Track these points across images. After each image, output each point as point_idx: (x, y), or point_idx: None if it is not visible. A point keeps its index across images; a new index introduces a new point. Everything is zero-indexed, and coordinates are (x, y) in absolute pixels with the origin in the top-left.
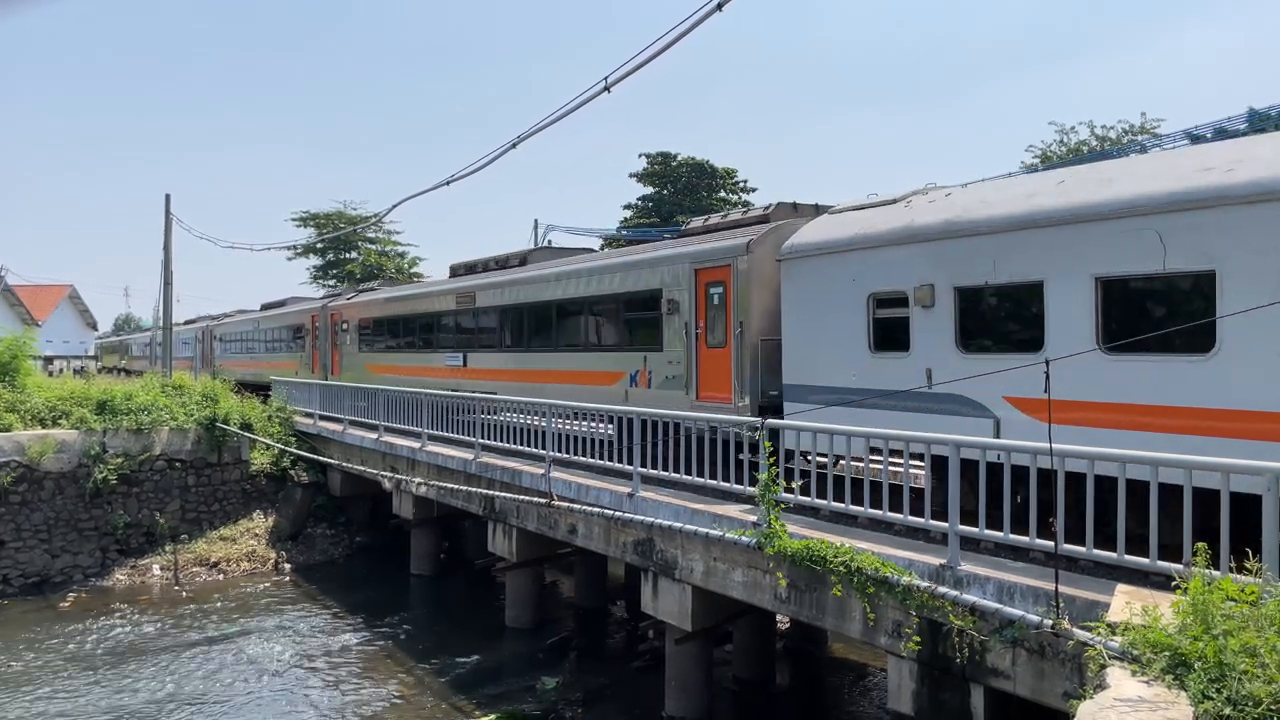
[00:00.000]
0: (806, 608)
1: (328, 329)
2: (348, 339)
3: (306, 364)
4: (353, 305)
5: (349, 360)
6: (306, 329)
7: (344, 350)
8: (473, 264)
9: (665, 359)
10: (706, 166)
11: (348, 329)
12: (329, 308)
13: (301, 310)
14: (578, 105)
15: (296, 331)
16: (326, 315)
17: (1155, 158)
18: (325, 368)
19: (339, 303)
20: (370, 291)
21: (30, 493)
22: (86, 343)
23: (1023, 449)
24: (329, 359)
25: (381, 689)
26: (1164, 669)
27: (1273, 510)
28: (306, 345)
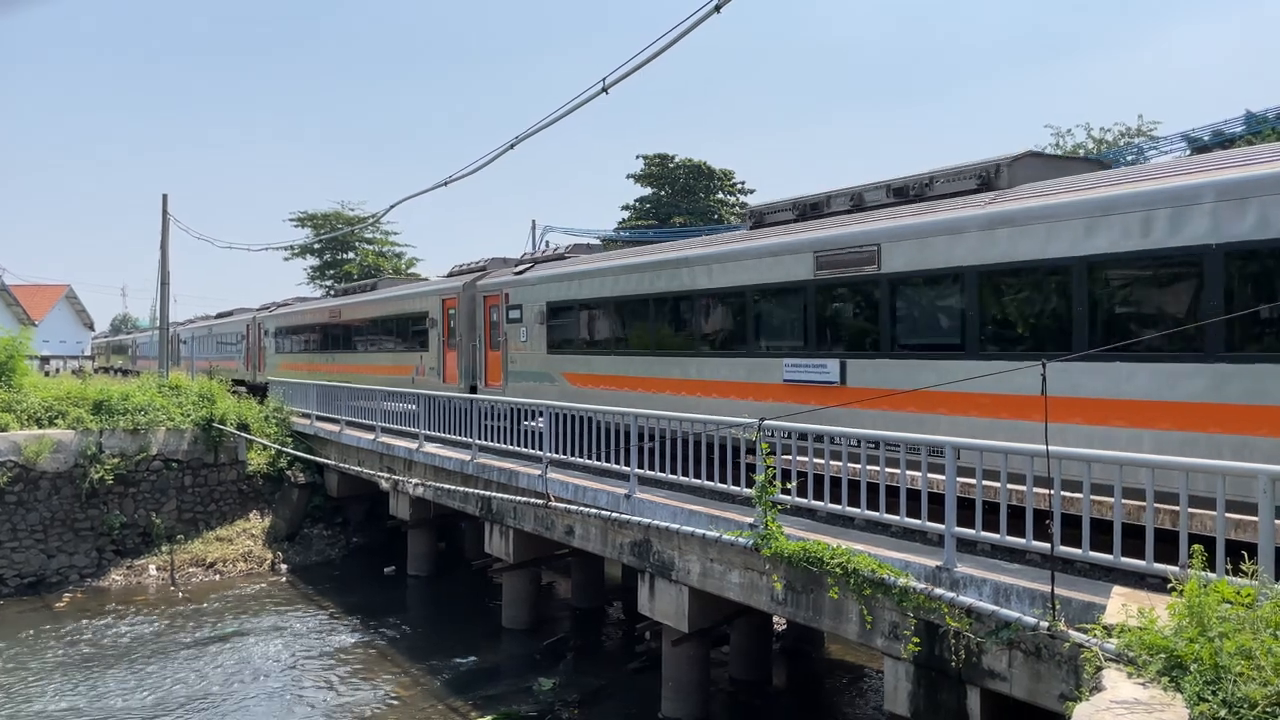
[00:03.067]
0: (803, 609)
1: (469, 317)
2: (530, 330)
3: (434, 367)
4: (533, 279)
5: (517, 364)
6: (436, 321)
7: (510, 349)
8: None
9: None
10: (704, 168)
11: (530, 317)
12: (479, 286)
13: (428, 291)
14: (576, 106)
15: (411, 324)
16: (475, 297)
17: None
18: (470, 373)
19: (496, 280)
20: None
21: (26, 492)
22: (83, 342)
23: (1021, 451)
24: (480, 357)
25: (377, 690)
26: (1160, 671)
27: (1268, 513)
28: (432, 341)
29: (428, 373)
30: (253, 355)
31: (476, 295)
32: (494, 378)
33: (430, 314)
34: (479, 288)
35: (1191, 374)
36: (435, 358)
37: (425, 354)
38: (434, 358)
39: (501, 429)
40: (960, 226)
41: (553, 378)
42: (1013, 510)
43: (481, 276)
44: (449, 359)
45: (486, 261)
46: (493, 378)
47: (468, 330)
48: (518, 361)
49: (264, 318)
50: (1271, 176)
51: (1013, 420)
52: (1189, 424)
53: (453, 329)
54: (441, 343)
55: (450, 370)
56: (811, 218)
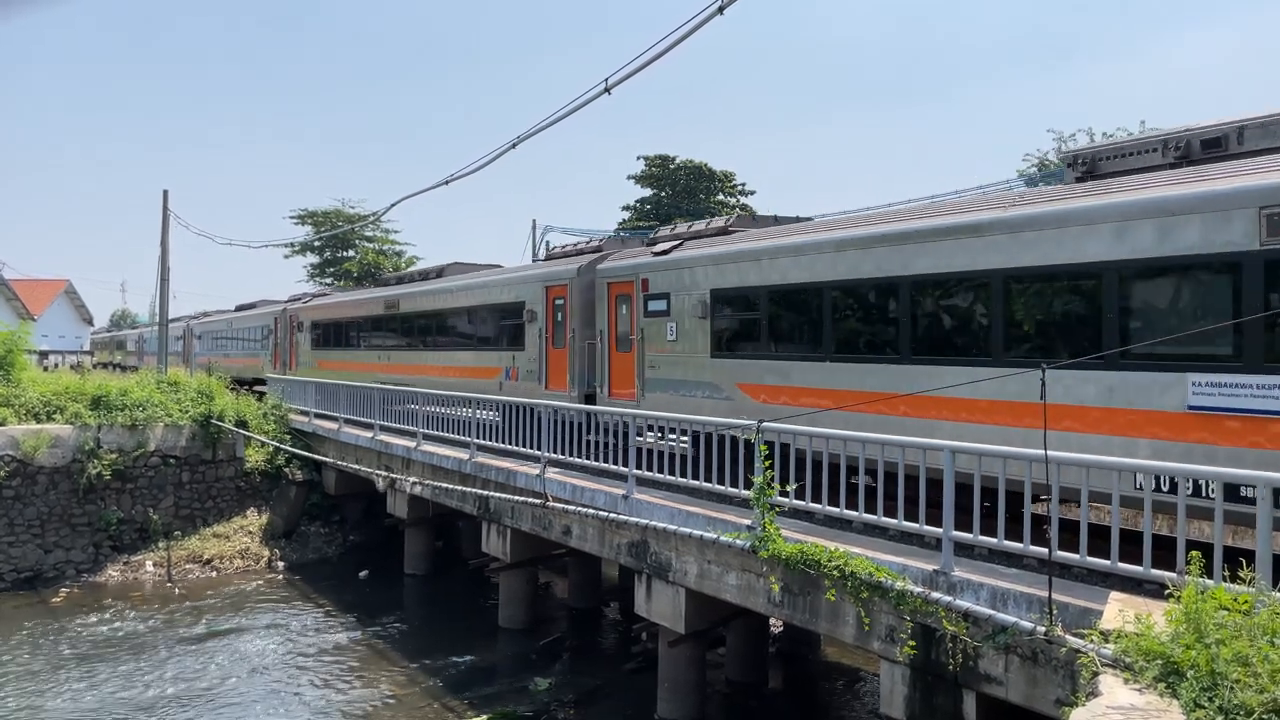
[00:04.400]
0: (800, 611)
1: (585, 309)
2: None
3: (532, 370)
4: (687, 260)
5: (659, 369)
6: (536, 313)
7: (649, 349)
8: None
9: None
10: (705, 169)
11: (683, 309)
12: (602, 271)
13: (528, 278)
14: (578, 106)
15: (501, 317)
16: (595, 284)
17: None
18: (584, 378)
19: (627, 263)
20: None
21: (24, 487)
22: (83, 338)
23: (1019, 456)
24: (601, 359)
25: (374, 688)
26: (1156, 677)
27: (1266, 519)
28: (530, 338)
29: (522, 376)
30: (281, 352)
31: (597, 282)
32: (622, 384)
33: (528, 305)
34: (601, 273)
35: None
36: (534, 358)
37: (519, 354)
38: (532, 358)
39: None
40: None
41: (719, 388)
42: (1011, 514)
43: (601, 259)
44: (554, 360)
45: (601, 241)
46: (620, 384)
47: (583, 325)
48: (660, 366)
49: (298, 310)
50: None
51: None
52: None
53: (560, 323)
54: (544, 340)
55: (556, 373)
56: (1203, 159)
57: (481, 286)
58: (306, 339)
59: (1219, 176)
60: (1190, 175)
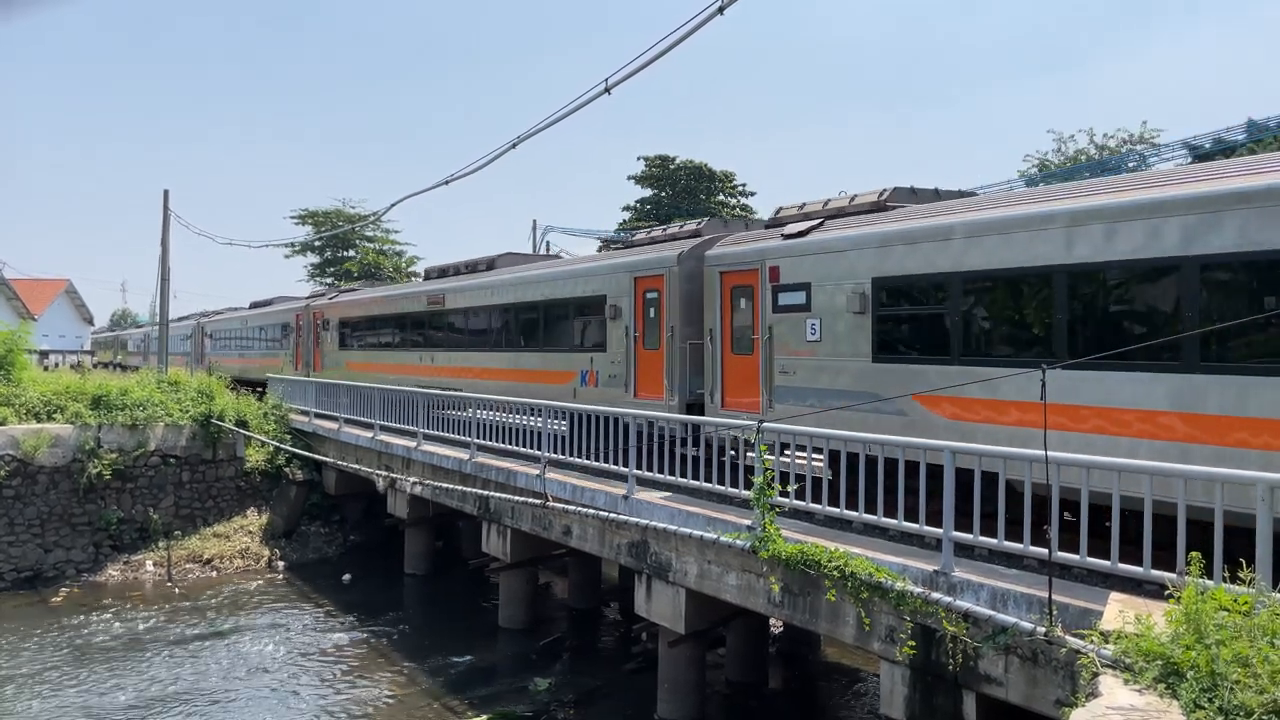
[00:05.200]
0: (800, 611)
1: (688, 303)
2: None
3: (616, 374)
4: (834, 243)
5: (795, 375)
6: (621, 309)
7: (779, 351)
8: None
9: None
10: (705, 169)
11: (830, 303)
12: (712, 257)
13: (611, 267)
14: (578, 107)
15: (575, 313)
16: (703, 274)
17: None
18: (686, 384)
19: (747, 248)
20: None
21: (24, 487)
22: (83, 338)
23: (1018, 456)
24: (714, 362)
25: (374, 688)
26: (1156, 678)
27: (1266, 520)
28: (613, 338)
29: (603, 381)
30: (305, 351)
31: (706, 271)
32: (740, 393)
33: (611, 299)
34: (712, 260)
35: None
36: (619, 360)
37: (599, 355)
38: (616, 360)
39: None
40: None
41: (886, 400)
42: (1010, 516)
43: (706, 244)
44: (645, 363)
45: (699, 225)
46: (737, 392)
47: (685, 322)
48: (795, 372)
49: (323, 306)
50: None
51: None
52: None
53: (653, 320)
54: (632, 340)
55: (648, 379)
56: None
57: (549, 279)
58: (333, 338)
59: None
60: None
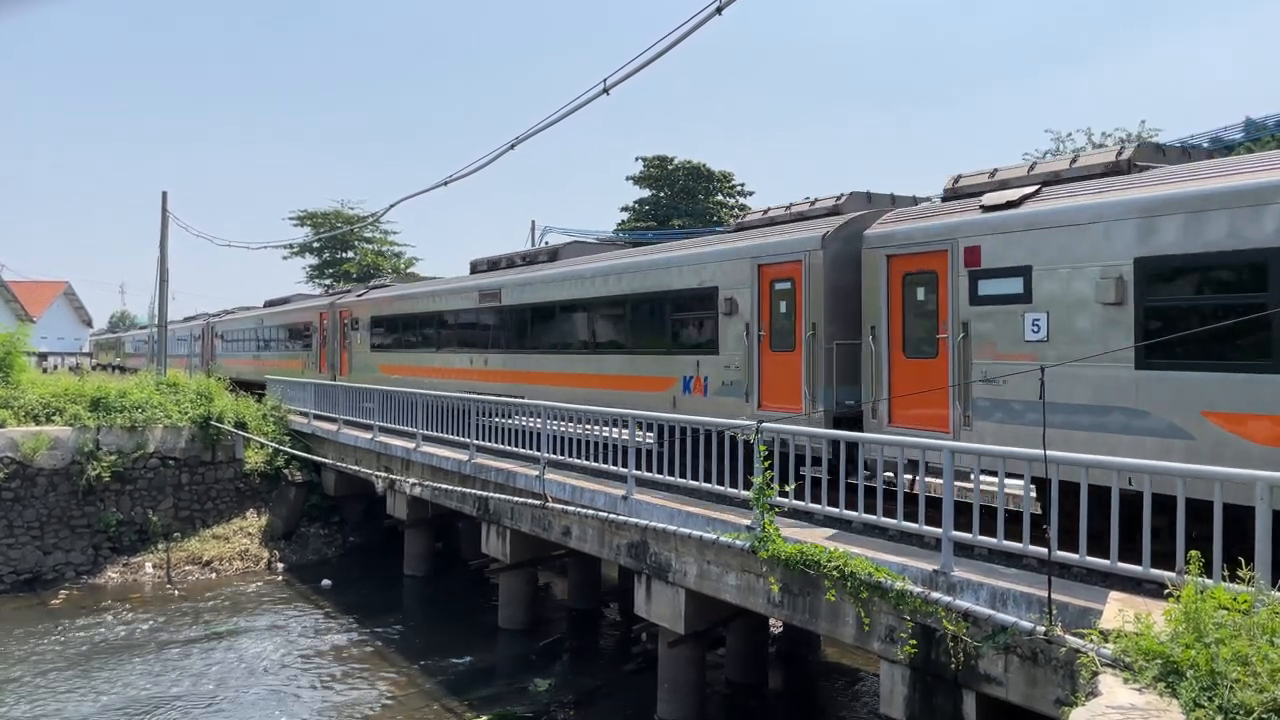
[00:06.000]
0: (800, 611)
1: (836, 295)
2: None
3: (733, 380)
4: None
5: (1011, 391)
6: (738, 303)
7: (977, 350)
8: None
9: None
10: (703, 170)
11: (1073, 287)
12: (876, 238)
13: (723, 254)
14: (576, 107)
15: (672, 310)
16: (864, 256)
17: None
18: (829, 390)
19: (930, 224)
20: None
21: (23, 489)
22: (81, 339)
23: (1017, 455)
24: (879, 364)
25: (373, 689)
26: (1156, 677)
27: (1265, 519)
28: (728, 337)
29: (715, 389)
30: (330, 353)
31: (867, 255)
32: (918, 406)
33: (725, 292)
34: (875, 241)
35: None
36: (737, 364)
37: (709, 359)
38: (733, 364)
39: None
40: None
41: (1158, 418)
42: (1010, 514)
43: (857, 223)
44: (773, 368)
45: (838, 200)
46: (913, 405)
47: (832, 318)
48: (1006, 380)
49: (352, 304)
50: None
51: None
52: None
53: (785, 316)
54: (756, 340)
55: (779, 386)
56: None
57: (640, 270)
58: (364, 338)
59: None
60: None
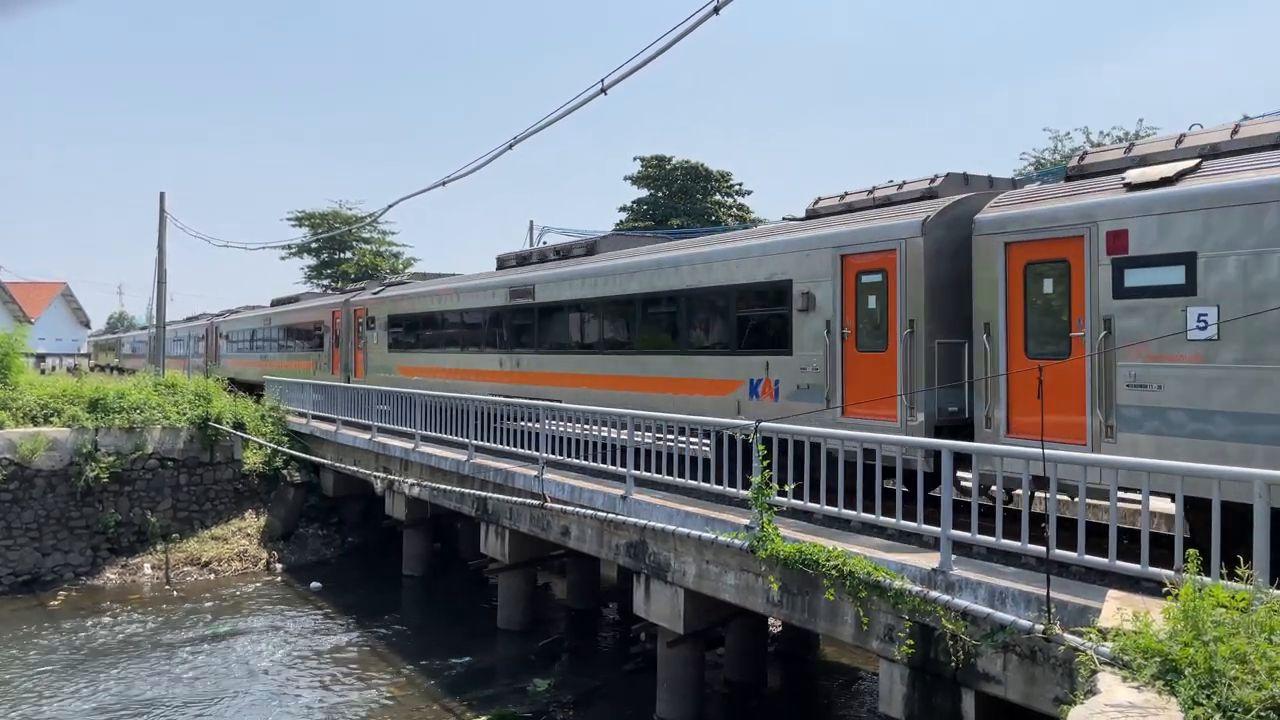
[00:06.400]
0: (799, 611)
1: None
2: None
3: (811, 384)
4: None
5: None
6: (815, 297)
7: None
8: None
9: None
10: (701, 169)
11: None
12: (942, 226)
13: (802, 243)
14: (574, 107)
15: (749, 303)
16: (975, 243)
17: None
18: (923, 395)
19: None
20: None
21: (21, 490)
22: (79, 340)
23: (1016, 454)
24: (993, 368)
25: (372, 690)
26: (1154, 675)
27: (1263, 517)
28: (807, 337)
29: (788, 393)
30: (344, 354)
31: (979, 243)
32: (1046, 413)
33: (799, 285)
34: (988, 226)
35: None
36: (815, 366)
37: (780, 359)
38: (811, 366)
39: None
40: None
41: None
42: (1008, 513)
43: (962, 206)
44: (860, 370)
45: (932, 181)
46: (1035, 412)
47: (931, 313)
48: (1163, 385)
49: (368, 302)
50: None
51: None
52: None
53: (873, 311)
54: (839, 339)
55: (868, 391)
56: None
57: (699, 262)
58: (381, 338)
59: None
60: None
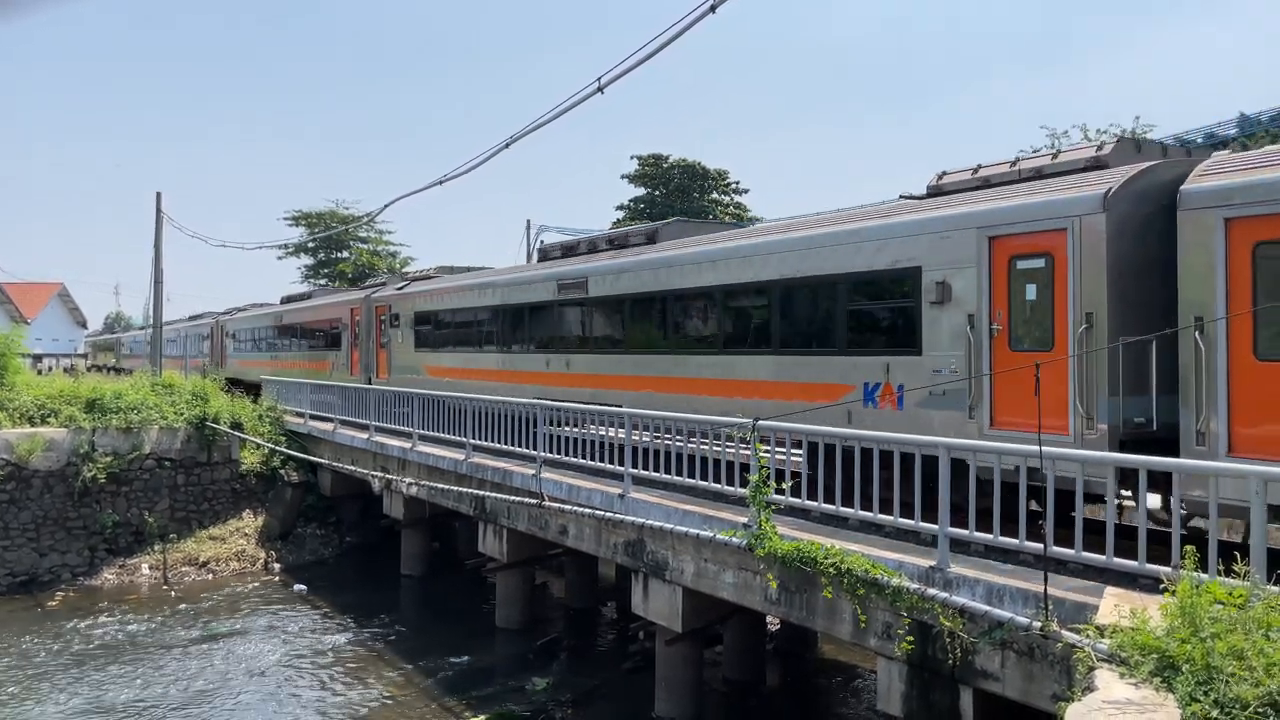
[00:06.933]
0: (797, 609)
1: None
2: None
3: (948, 389)
4: None
5: None
6: (950, 287)
7: None
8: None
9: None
10: (698, 168)
11: None
12: (1128, 200)
13: (937, 222)
14: (571, 106)
15: (864, 298)
16: (1184, 220)
17: None
18: (1108, 403)
19: None
20: None
21: (18, 491)
22: (76, 341)
23: (1013, 451)
24: (1214, 374)
25: (371, 689)
26: (1152, 671)
27: (1260, 514)
28: (939, 334)
29: (921, 399)
30: (364, 353)
31: (1186, 219)
32: (1259, 422)
33: (931, 273)
34: (1199, 198)
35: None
36: (954, 368)
37: (904, 359)
38: (947, 368)
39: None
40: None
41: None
42: (1006, 511)
43: (1151, 175)
44: (1015, 372)
45: (1099, 150)
46: (1262, 420)
47: (1116, 305)
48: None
49: (391, 298)
50: None
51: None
52: None
53: (1031, 304)
54: (986, 336)
55: (1025, 393)
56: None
57: (795, 249)
58: (406, 336)
59: None
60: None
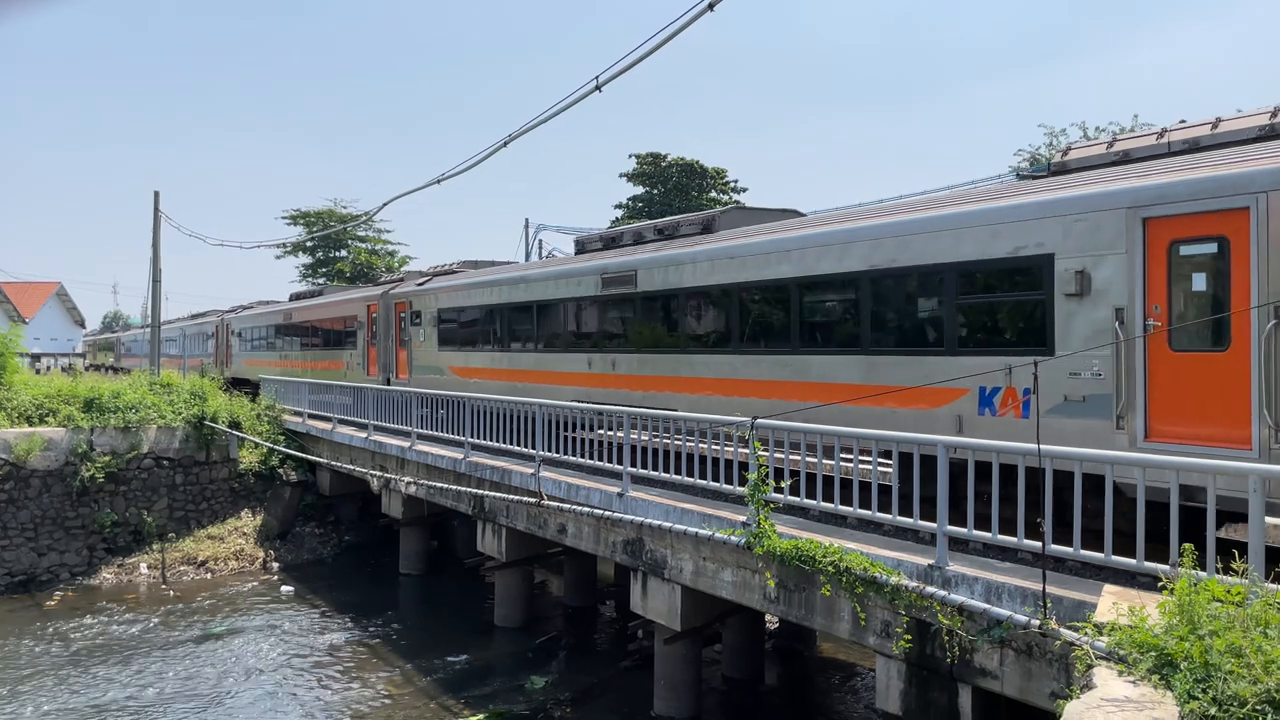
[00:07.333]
0: (795, 607)
1: None
2: None
3: (1093, 394)
4: None
5: None
6: (1090, 277)
7: None
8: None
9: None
10: (696, 167)
11: None
12: None
13: (1069, 202)
14: (569, 104)
15: (976, 290)
16: None
17: None
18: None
19: None
20: None
21: (17, 490)
22: (74, 340)
23: (1011, 449)
24: None
25: (369, 688)
26: (1150, 669)
27: (1258, 511)
28: (1080, 331)
29: (1054, 407)
30: (383, 352)
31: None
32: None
33: (1064, 262)
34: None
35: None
36: (1097, 370)
37: (1030, 358)
38: (1086, 370)
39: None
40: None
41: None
42: (1004, 509)
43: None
44: (1173, 377)
45: (1273, 117)
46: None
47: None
48: None
49: (412, 294)
50: None
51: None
52: None
53: (1197, 296)
54: (1143, 333)
55: (1191, 399)
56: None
57: (891, 235)
58: (429, 335)
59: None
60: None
